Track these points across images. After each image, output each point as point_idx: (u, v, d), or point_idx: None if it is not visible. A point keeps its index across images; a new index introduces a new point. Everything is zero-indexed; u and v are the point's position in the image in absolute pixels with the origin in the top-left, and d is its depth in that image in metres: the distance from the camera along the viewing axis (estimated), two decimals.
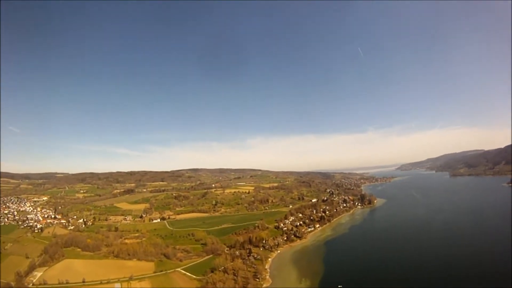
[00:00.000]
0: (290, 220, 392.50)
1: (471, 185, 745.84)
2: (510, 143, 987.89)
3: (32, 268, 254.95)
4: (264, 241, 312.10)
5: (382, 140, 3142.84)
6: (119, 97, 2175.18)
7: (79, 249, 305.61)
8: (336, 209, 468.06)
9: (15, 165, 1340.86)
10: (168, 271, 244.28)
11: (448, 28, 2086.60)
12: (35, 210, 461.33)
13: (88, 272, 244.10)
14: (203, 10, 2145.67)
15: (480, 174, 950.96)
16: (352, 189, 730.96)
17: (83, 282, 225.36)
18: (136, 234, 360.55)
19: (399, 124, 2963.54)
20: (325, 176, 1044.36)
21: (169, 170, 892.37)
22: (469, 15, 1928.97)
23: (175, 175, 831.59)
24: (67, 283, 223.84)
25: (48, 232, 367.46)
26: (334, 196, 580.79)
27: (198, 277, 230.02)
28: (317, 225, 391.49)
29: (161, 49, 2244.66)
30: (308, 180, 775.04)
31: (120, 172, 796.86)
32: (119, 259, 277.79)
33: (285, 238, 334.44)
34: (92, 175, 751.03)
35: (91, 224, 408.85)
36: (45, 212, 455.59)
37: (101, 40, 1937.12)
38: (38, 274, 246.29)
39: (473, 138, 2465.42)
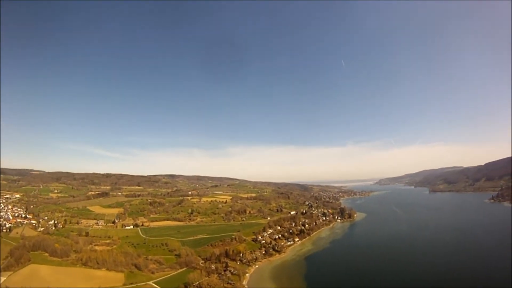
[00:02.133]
0: (269, 232, 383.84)
1: (452, 202, 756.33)
2: (490, 161, 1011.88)
3: None
4: (241, 255, 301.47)
5: (361, 154, 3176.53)
6: (101, 98, 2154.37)
7: (46, 254, 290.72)
8: (316, 223, 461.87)
9: None
10: (139, 284, 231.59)
11: (441, 33, 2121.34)
12: (6, 208, 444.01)
13: (53, 280, 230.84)
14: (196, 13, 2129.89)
15: (460, 190, 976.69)
16: (331, 202, 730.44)
17: None
18: (107, 241, 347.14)
19: (379, 139, 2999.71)
20: (303, 188, 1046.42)
21: (146, 174, 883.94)
22: (469, 15, 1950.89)
23: (151, 180, 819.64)
24: None
25: (17, 233, 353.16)
26: (313, 209, 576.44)
27: None
28: (297, 239, 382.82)
29: (148, 53, 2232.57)
30: (286, 192, 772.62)
31: (97, 173, 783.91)
32: (87, 267, 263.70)
33: (264, 252, 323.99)
34: (68, 175, 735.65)
35: (62, 227, 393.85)
36: (16, 211, 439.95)
37: (89, 40, 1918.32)
38: (1, 279, 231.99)
39: (452, 154, 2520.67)
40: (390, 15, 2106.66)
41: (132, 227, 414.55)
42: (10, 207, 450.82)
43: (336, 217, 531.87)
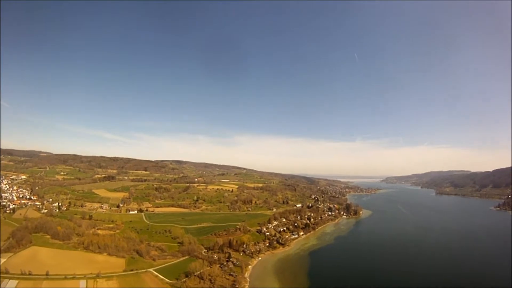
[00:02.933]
0: (274, 224, 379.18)
1: (458, 205, 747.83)
2: (498, 167, 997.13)
3: None
4: (245, 246, 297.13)
5: (369, 150, 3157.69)
6: (110, 82, 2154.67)
7: (48, 236, 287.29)
8: (321, 217, 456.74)
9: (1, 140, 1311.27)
10: (139, 271, 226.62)
11: (447, 33, 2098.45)
12: (11, 189, 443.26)
13: (53, 264, 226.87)
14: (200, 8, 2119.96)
15: (466, 195, 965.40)
16: (337, 197, 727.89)
17: (47, 275, 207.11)
18: (111, 225, 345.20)
19: (387, 137, 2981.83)
20: (310, 181, 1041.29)
21: (153, 159, 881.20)
22: (469, 16, 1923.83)
23: (158, 165, 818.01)
24: (29, 274, 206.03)
25: (20, 214, 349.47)
26: (319, 203, 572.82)
27: (171, 281, 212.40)
28: (301, 233, 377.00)
29: (156, 41, 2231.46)
30: (293, 184, 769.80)
31: (104, 157, 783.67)
32: (88, 251, 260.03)
33: (268, 244, 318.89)
34: (75, 157, 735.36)
35: (66, 210, 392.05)
36: (20, 192, 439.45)
37: (100, 28, 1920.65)
38: (1, 260, 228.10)
39: (459, 158, 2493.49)
40: (398, 15, 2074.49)
41: (136, 212, 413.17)
42: (15, 188, 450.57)
43: (342, 212, 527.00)
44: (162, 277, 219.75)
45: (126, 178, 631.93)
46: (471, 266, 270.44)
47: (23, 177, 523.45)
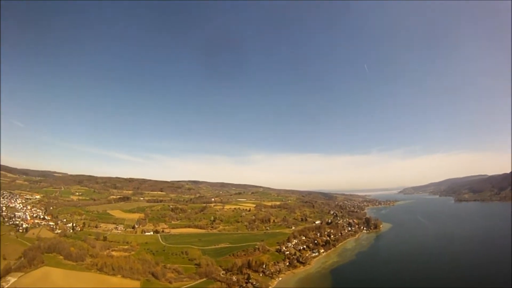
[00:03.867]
0: (293, 243, 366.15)
1: (478, 212, 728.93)
2: None
3: (6, 272, 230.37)
4: (264, 266, 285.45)
5: (385, 162, 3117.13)
6: (124, 102, 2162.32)
7: (61, 257, 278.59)
8: (341, 233, 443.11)
9: (15, 159, 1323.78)
10: None
11: (451, 37, 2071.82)
12: (24, 208, 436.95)
13: (65, 285, 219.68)
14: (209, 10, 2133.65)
15: (485, 199, 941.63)
16: (356, 211, 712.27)
17: None
18: (125, 247, 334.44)
19: (403, 147, 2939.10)
20: (327, 196, 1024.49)
21: (169, 180, 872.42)
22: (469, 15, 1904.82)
23: (174, 185, 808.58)
24: None
25: (33, 234, 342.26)
26: (339, 218, 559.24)
27: None
28: (322, 250, 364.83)
29: (167, 56, 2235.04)
30: (311, 200, 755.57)
31: (119, 178, 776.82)
32: (102, 273, 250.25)
33: (288, 264, 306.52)
34: (90, 178, 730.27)
35: (80, 230, 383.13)
36: (34, 211, 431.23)
37: (108, 42, 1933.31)
38: (12, 279, 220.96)
39: (476, 162, 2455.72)
40: (406, 16, 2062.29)
41: (152, 233, 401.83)
42: (29, 207, 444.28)
43: (362, 227, 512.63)
44: None
45: (141, 198, 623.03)
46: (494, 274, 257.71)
47: (38, 196, 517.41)
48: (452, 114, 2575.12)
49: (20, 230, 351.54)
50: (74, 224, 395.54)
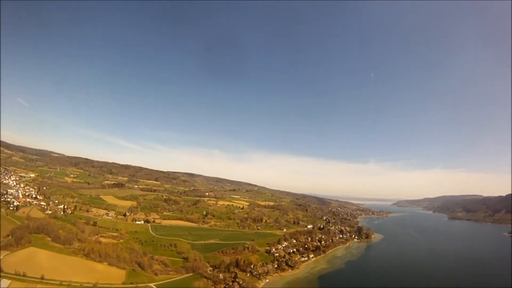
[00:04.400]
0: (283, 245, 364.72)
1: (471, 231, 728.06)
2: (510, 192, 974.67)
3: None
4: (252, 266, 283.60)
5: (381, 173, 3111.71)
6: (128, 89, 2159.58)
7: (49, 239, 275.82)
8: (332, 240, 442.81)
9: (15, 136, 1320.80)
10: (139, 285, 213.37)
11: (453, 40, 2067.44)
12: (17, 186, 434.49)
13: (50, 267, 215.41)
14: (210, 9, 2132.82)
15: (479, 220, 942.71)
16: (349, 219, 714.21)
17: (42, 278, 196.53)
18: (115, 234, 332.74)
19: (401, 159, 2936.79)
20: (321, 201, 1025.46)
21: (165, 170, 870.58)
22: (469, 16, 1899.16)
23: (170, 176, 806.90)
24: (23, 275, 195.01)
25: (23, 212, 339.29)
26: (331, 224, 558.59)
27: None
28: (311, 255, 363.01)
29: (173, 49, 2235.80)
30: (305, 204, 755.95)
31: (116, 163, 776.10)
32: (88, 259, 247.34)
33: (276, 266, 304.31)
34: (87, 161, 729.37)
35: (71, 213, 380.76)
36: (27, 190, 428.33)
37: (111, 31, 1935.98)
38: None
39: (473, 182, 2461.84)
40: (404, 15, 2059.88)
41: (142, 222, 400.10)
42: (22, 185, 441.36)
43: (353, 235, 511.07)
44: None
45: (136, 186, 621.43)
46: None
47: (32, 175, 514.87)
48: (452, 132, 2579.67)
49: (11, 208, 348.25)
50: (66, 206, 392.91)
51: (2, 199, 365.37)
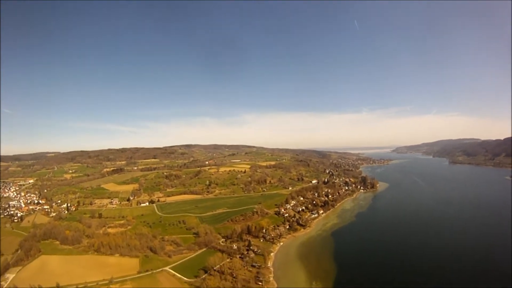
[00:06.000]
0: (292, 204, 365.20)
1: (474, 176, 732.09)
2: (510, 136, 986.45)
3: (5, 269, 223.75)
4: (264, 231, 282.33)
5: (376, 121, 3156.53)
6: (110, 72, 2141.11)
7: (57, 242, 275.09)
8: (339, 193, 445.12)
9: (6, 147, 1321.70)
10: (155, 271, 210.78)
11: (448, 24, 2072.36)
12: (18, 196, 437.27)
13: (64, 272, 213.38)
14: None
15: (480, 164, 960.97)
16: (351, 170, 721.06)
17: (57, 287, 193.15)
18: (121, 222, 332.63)
19: (394, 106, 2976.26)
20: (321, 155, 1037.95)
21: (161, 146, 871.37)
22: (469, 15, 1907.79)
23: (167, 151, 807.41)
24: None
25: (28, 221, 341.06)
26: (335, 177, 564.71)
27: (189, 280, 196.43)
28: (321, 211, 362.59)
29: (154, 26, 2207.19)
30: (305, 159, 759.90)
31: (111, 149, 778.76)
32: (100, 254, 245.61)
33: (288, 227, 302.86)
34: (83, 153, 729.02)
35: (75, 210, 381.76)
36: (29, 197, 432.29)
37: (98, 20, 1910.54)
38: (10, 276, 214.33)
39: (469, 126, 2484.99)
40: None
41: (147, 203, 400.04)
42: (23, 194, 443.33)
43: (359, 186, 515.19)
44: (179, 275, 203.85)
45: (135, 168, 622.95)
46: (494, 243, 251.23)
47: (31, 181, 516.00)
48: (445, 77, 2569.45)
49: (16, 220, 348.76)
50: (69, 204, 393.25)
51: (5, 214, 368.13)
